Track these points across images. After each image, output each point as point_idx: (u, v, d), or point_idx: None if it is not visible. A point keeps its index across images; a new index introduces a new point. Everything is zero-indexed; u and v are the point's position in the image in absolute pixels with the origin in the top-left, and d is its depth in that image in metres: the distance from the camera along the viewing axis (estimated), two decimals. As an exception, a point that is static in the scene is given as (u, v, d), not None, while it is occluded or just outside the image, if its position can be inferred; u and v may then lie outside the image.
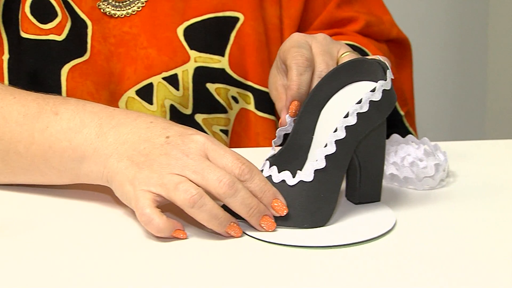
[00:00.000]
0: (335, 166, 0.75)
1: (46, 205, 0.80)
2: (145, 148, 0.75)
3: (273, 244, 0.72)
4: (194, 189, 0.71)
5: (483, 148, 1.02)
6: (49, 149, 0.79)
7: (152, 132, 0.76)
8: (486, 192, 0.85)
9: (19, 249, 0.71)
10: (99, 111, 0.79)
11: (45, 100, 0.81)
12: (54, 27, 0.95)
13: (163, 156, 0.74)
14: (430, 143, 0.89)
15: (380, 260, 0.69)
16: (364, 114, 0.76)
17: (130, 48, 0.98)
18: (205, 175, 0.72)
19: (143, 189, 0.72)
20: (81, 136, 0.77)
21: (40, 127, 0.79)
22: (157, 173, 0.73)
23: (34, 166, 0.80)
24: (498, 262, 0.69)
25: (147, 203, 0.72)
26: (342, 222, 0.76)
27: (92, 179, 0.78)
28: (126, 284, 0.65)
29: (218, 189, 0.72)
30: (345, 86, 0.82)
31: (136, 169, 0.74)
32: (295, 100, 0.83)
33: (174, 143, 0.74)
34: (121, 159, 0.75)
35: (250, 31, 1.02)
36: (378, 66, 0.79)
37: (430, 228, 0.76)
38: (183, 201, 0.71)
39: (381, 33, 1.12)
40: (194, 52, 0.99)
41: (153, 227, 0.71)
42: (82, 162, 0.77)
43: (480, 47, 2.27)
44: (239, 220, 0.73)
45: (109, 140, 0.76)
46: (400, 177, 0.85)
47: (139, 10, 0.98)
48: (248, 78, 1.02)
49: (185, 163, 0.73)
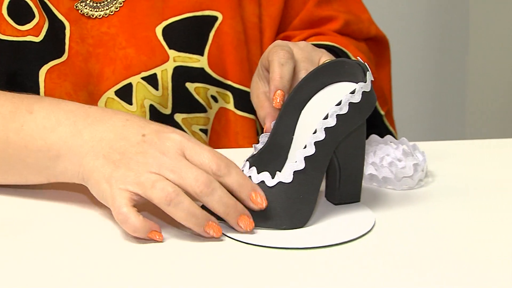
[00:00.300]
0: (314, 168, 0.75)
1: (46, 205, 0.80)
2: (121, 146, 0.75)
3: (252, 245, 0.72)
4: (170, 187, 0.71)
5: (462, 148, 1.02)
6: (25, 149, 0.78)
7: (129, 130, 0.76)
8: (464, 192, 0.85)
9: (19, 249, 0.71)
10: (75, 109, 0.79)
11: (19, 99, 0.81)
12: (32, 28, 0.94)
13: (140, 155, 0.74)
14: (409, 143, 0.89)
15: (359, 261, 0.69)
16: (344, 116, 0.76)
17: (108, 48, 0.97)
18: (183, 174, 0.72)
19: (120, 187, 0.72)
20: (55, 135, 0.77)
21: (15, 126, 0.79)
22: (134, 171, 0.73)
23: (11, 166, 0.80)
24: (477, 261, 0.69)
25: (124, 202, 0.72)
26: (321, 223, 0.76)
27: (68, 177, 0.78)
28: (126, 284, 0.65)
29: (195, 187, 0.72)
30: (326, 87, 0.82)
31: (112, 167, 0.74)
32: (278, 89, 0.83)
33: (151, 141, 0.74)
34: (97, 157, 0.75)
35: (229, 30, 1.02)
36: (359, 68, 0.79)
37: (409, 228, 0.76)
38: (160, 199, 0.71)
39: (360, 32, 1.12)
40: (173, 52, 0.99)
41: (129, 226, 0.71)
42: (57, 160, 0.77)
43: (460, 47, 2.27)
44: (219, 221, 0.74)
45: (85, 138, 0.76)
46: (379, 177, 0.86)
47: (117, 10, 0.98)
48: (228, 77, 1.02)
49: (162, 161, 0.73)
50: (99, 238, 0.73)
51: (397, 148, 0.89)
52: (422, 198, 0.83)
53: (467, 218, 0.79)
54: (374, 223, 0.76)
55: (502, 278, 0.66)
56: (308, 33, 1.08)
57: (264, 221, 0.74)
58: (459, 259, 0.69)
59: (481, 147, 1.02)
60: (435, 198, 0.83)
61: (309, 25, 1.10)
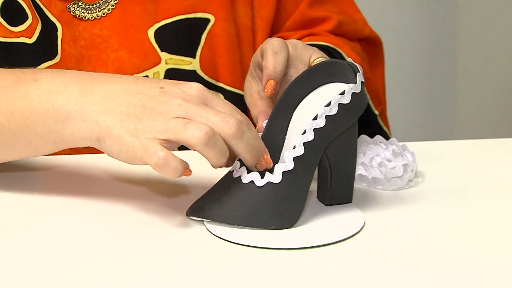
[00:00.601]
0: (304, 168, 0.75)
1: (46, 205, 0.81)
2: (139, 100, 0.72)
3: (240, 245, 0.72)
4: (205, 126, 0.69)
5: (452, 148, 1.03)
6: (31, 115, 0.75)
7: (144, 86, 0.73)
8: (454, 192, 0.85)
9: (19, 249, 0.71)
10: (80, 74, 0.76)
11: (22, 71, 0.79)
12: (25, 30, 0.95)
13: (163, 104, 0.71)
14: (398, 143, 0.90)
15: (349, 261, 0.69)
16: (333, 117, 0.76)
17: (101, 50, 0.98)
18: (210, 118, 0.70)
19: (149, 137, 0.70)
20: (63, 96, 0.74)
21: (19, 95, 0.76)
22: (160, 120, 0.70)
23: (18, 135, 0.77)
24: (468, 261, 0.69)
25: (158, 147, 0.69)
26: (310, 223, 0.76)
27: (78, 139, 0.74)
28: (126, 284, 0.65)
29: (227, 129, 0.70)
30: (318, 87, 0.83)
31: (135, 120, 0.71)
32: (271, 79, 0.83)
33: (171, 92, 0.72)
34: (114, 114, 0.72)
35: (221, 32, 1.02)
36: (350, 69, 0.80)
37: (399, 229, 0.76)
38: (197, 139, 0.69)
39: (354, 32, 1.12)
40: (165, 54, 1.00)
41: (170, 169, 0.69)
42: (66, 122, 0.74)
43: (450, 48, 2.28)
44: (207, 220, 0.74)
45: (96, 97, 0.73)
46: (368, 178, 0.86)
47: (110, 12, 0.98)
48: (220, 80, 1.03)
49: (187, 107, 0.71)
50: (98, 238, 0.73)
51: (387, 149, 0.89)
52: (412, 198, 0.83)
53: (457, 218, 0.79)
54: (363, 223, 0.76)
55: (494, 278, 0.66)
56: (301, 34, 1.08)
57: (253, 220, 0.74)
58: (450, 259, 0.69)
59: (471, 148, 1.03)
60: (424, 198, 0.84)
61: (302, 26, 1.10)
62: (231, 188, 0.75)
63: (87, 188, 0.85)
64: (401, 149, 0.89)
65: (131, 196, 0.83)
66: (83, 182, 0.87)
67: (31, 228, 0.75)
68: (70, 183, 0.86)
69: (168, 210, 0.79)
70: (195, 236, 0.74)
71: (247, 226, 0.74)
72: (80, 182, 0.87)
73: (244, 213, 0.74)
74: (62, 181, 0.87)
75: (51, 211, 0.79)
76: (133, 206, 0.80)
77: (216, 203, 0.75)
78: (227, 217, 0.74)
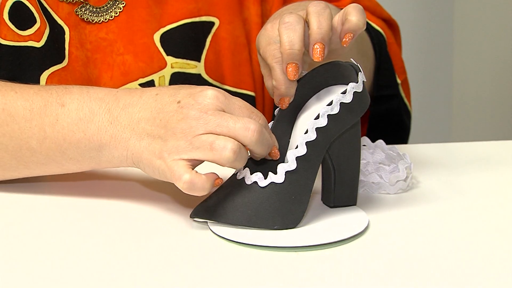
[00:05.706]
0: (306, 168, 0.76)
1: (45, 205, 0.81)
2: (161, 120, 0.75)
3: (243, 244, 0.72)
4: (229, 142, 0.72)
5: (446, 151, 1.03)
6: (64, 142, 0.79)
7: (162, 103, 0.76)
8: (449, 195, 0.86)
9: (20, 249, 0.71)
10: (104, 96, 0.79)
11: (47, 91, 0.81)
12: (33, 34, 0.95)
13: (182, 121, 0.74)
14: (385, 145, 0.89)
15: (353, 262, 0.69)
16: (335, 116, 0.77)
17: (106, 54, 0.98)
18: (231, 126, 0.73)
19: (174, 158, 0.73)
20: (94, 125, 0.78)
21: (49, 121, 0.80)
22: (183, 139, 0.73)
23: (50, 160, 0.81)
24: (471, 261, 0.69)
25: (183, 170, 0.72)
26: (314, 223, 0.76)
27: (115, 164, 0.79)
28: (129, 285, 0.65)
29: (250, 137, 0.73)
30: (321, 90, 0.83)
31: (160, 142, 0.74)
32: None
33: (188, 105, 0.75)
34: (141, 137, 0.76)
35: (225, 35, 1.03)
36: (352, 69, 0.80)
37: (402, 230, 0.76)
38: (226, 160, 0.72)
39: (374, 9, 1.12)
40: (171, 58, 1.00)
41: (198, 190, 0.72)
42: (100, 150, 0.78)
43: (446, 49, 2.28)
44: (211, 221, 0.75)
45: (123, 123, 0.77)
46: (369, 183, 0.85)
47: (117, 15, 0.99)
48: (225, 82, 1.03)
49: (205, 120, 0.73)
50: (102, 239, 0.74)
51: (373, 153, 0.89)
52: (414, 200, 0.83)
53: (450, 219, 0.79)
54: (367, 224, 0.76)
55: (496, 279, 0.66)
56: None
57: (257, 221, 0.74)
58: (450, 260, 0.70)
59: (465, 150, 1.03)
60: (427, 200, 0.84)
61: None
62: (235, 189, 0.76)
63: (90, 188, 0.85)
64: (398, 152, 0.88)
65: (135, 199, 0.83)
66: (86, 183, 0.87)
67: (31, 228, 0.76)
68: (73, 183, 0.87)
69: (172, 211, 0.80)
70: (199, 237, 0.74)
71: (250, 226, 0.74)
72: (83, 183, 0.87)
73: (248, 213, 0.74)
74: (64, 181, 0.87)
75: (53, 211, 0.80)
76: (137, 209, 0.80)
77: (219, 204, 0.75)
78: (230, 218, 0.74)
